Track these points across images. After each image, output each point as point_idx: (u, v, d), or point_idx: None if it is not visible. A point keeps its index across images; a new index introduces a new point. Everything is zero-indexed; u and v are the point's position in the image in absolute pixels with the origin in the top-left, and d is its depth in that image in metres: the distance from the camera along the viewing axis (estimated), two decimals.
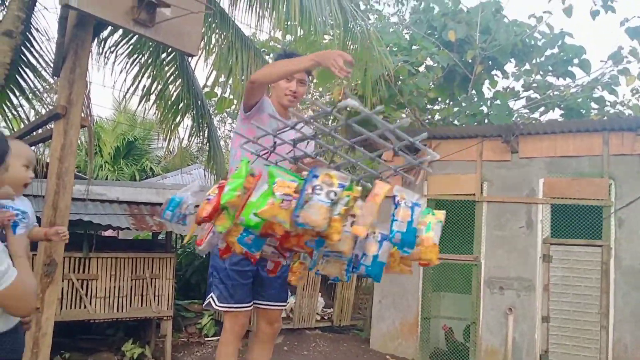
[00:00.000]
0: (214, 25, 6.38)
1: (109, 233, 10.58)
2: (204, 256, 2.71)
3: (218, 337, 5.01)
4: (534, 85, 9.19)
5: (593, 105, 8.96)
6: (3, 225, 2.20)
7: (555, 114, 9.35)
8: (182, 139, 7.64)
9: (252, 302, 3.19)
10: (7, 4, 4.43)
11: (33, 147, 4.84)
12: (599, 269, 6.31)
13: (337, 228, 2.04)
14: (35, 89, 6.02)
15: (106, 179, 16.71)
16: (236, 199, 2.20)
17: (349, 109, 2.23)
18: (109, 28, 6.78)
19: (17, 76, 5.45)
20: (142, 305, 6.56)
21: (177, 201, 2.44)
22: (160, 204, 6.79)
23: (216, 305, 3.14)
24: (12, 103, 5.59)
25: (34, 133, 4.62)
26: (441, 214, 2.26)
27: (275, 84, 3.18)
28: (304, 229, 2.03)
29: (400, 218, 2.13)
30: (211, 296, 3.17)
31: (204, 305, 3.35)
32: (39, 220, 3.22)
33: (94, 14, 3.60)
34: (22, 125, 5.68)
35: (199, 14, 4.11)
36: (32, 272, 2.27)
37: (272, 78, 2.99)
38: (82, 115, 4.57)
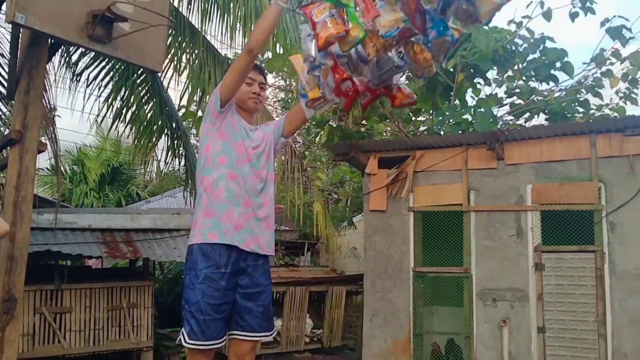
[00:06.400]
0: (184, 44, 6.18)
1: (94, 263, 10.25)
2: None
3: None
4: (517, 91, 9.03)
5: (578, 109, 8.82)
6: None
7: (540, 119, 9.22)
8: (159, 160, 7.44)
9: (224, 338, 2.83)
10: None
11: None
12: (593, 275, 6.09)
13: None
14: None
15: (92, 206, 16.41)
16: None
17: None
18: (79, 51, 6.59)
19: None
20: (120, 337, 6.26)
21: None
22: (135, 230, 6.60)
23: (186, 342, 2.77)
24: None
25: None
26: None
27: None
28: None
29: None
30: (182, 331, 2.82)
31: (177, 340, 2.96)
32: None
33: (44, 31, 3.38)
34: None
35: (160, 28, 3.91)
36: None
37: (265, 36, 2.70)
38: (43, 140, 4.36)
